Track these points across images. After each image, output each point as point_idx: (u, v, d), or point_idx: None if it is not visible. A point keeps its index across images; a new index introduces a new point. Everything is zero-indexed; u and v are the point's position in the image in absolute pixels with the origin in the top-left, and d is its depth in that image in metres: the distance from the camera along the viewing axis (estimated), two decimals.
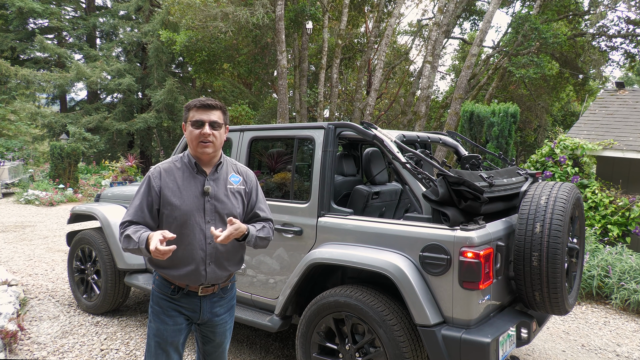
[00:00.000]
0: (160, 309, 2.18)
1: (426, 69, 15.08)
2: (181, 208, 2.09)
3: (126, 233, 2.01)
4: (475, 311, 2.56)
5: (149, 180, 2.12)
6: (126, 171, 14.37)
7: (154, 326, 2.18)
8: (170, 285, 2.17)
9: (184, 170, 2.15)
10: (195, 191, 2.13)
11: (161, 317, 2.17)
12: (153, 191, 2.10)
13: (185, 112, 2.17)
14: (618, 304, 5.27)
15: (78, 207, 4.82)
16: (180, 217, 2.09)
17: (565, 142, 7.11)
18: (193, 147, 2.14)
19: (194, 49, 15.91)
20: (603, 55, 16.75)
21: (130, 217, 2.08)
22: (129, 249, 2.01)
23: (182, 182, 2.13)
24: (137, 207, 2.09)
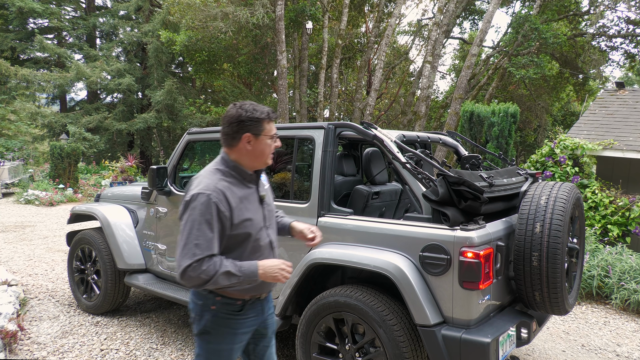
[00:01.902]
0: (230, 329, 2.00)
1: (426, 69, 15.09)
2: (254, 220, 1.99)
3: (225, 270, 1.82)
4: (475, 311, 2.56)
5: (216, 208, 1.84)
6: (126, 171, 14.37)
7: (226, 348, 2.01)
8: (237, 302, 2.00)
9: (236, 184, 1.97)
10: (254, 201, 2.03)
11: (232, 337, 2.01)
12: (223, 216, 1.87)
13: (253, 123, 1.92)
14: (618, 304, 5.27)
15: (78, 207, 4.83)
16: (254, 230, 1.99)
17: (565, 142, 7.11)
18: (263, 159, 1.99)
19: (194, 49, 15.92)
20: (603, 55, 16.76)
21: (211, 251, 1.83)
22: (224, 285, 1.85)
23: (243, 195, 1.98)
24: (211, 239, 1.83)
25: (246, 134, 1.93)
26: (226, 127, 1.95)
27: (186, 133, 4.22)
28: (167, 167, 4.20)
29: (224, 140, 1.98)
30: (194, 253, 1.79)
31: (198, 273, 1.78)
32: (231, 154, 1.98)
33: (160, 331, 4.26)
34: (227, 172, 1.97)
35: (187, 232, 1.82)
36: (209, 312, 1.98)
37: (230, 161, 1.98)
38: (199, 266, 1.78)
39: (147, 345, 3.96)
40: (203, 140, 4.18)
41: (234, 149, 1.97)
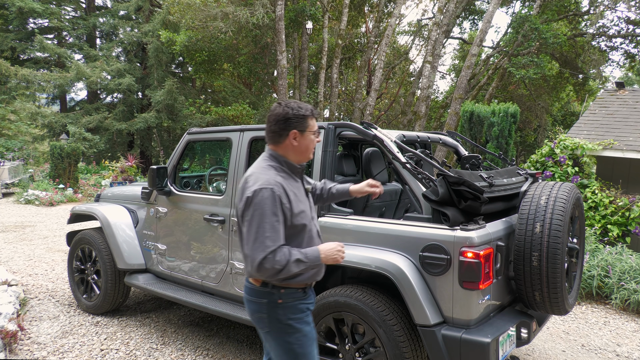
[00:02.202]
0: (303, 313, 2.08)
1: (426, 69, 15.09)
2: (306, 212, 2.08)
3: (295, 258, 1.90)
4: (475, 311, 2.56)
5: (279, 201, 1.92)
6: (126, 171, 14.37)
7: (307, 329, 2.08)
8: (299, 290, 2.08)
9: (287, 178, 2.06)
10: (303, 194, 2.13)
11: (306, 320, 2.09)
12: (285, 208, 1.95)
13: (299, 120, 2.01)
14: (618, 304, 5.27)
15: (78, 207, 4.83)
16: (307, 221, 2.08)
17: (565, 142, 7.11)
18: (307, 153, 2.09)
19: (194, 49, 15.92)
20: (603, 55, 16.76)
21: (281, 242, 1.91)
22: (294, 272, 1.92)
23: (295, 189, 2.07)
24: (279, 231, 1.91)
25: (293, 130, 2.02)
26: (273, 125, 2.03)
27: (186, 133, 4.22)
28: (167, 167, 4.20)
29: (271, 138, 2.06)
30: (266, 246, 1.85)
31: (272, 264, 1.85)
32: (278, 150, 2.07)
33: (160, 331, 4.26)
34: (279, 168, 2.05)
35: (255, 226, 1.87)
36: (278, 306, 2.03)
37: (280, 157, 2.06)
38: (272, 257, 1.85)
39: (147, 345, 3.96)
40: (203, 140, 4.18)
41: (280, 146, 2.05)
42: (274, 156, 2.07)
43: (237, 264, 3.58)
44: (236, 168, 3.66)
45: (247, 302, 2.10)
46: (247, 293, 2.09)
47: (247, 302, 2.10)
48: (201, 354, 3.80)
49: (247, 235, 1.90)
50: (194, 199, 3.98)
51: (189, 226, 3.97)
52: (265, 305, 2.03)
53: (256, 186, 1.91)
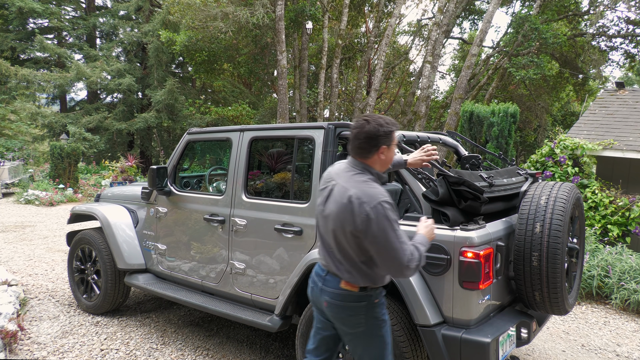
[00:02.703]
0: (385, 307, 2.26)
1: (426, 69, 15.09)
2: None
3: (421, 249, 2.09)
4: (475, 311, 2.56)
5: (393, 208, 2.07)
6: (126, 171, 14.37)
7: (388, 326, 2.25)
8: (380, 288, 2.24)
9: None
10: None
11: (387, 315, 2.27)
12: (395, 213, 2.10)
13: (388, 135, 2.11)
14: (618, 304, 5.27)
15: (78, 207, 4.83)
16: None
17: (565, 142, 7.11)
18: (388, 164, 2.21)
19: (194, 49, 15.93)
20: (603, 55, 16.76)
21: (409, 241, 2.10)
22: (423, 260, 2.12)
23: None
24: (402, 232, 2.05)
25: (383, 146, 2.12)
26: (363, 142, 2.10)
27: (186, 133, 4.22)
28: (167, 167, 4.20)
29: (359, 152, 2.14)
30: (408, 250, 2.01)
31: (416, 262, 2.03)
32: (366, 162, 2.15)
33: (160, 331, 4.26)
34: (374, 179, 2.13)
35: (391, 237, 1.98)
36: (375, 305, 2.18)
37: (371, 169, 2.16)
38: (412, 257, 2.02)
39: (147, 345, 3.96)
40: (203, 140, 4.18)
41: (368, 159, 2.14)
42: (366, 169, 2.15)
43: (237, 264, 3.58)
44: (236, 168, 3.66)
45: (342, 308, 2.15)
46: (343, 299, 2.15)
47: (341, 308, 2.16)
48: (201, 354, 3.80)
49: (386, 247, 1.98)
50: (194, 199, 3.98)
51: (189, 226, 3.97)
52: (364, 307, 2.15)
53: (374, 202, 1.99)
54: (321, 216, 2.21)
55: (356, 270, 2.11)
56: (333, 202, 2.10)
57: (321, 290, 2.21)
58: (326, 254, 2.21)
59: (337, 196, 2.08)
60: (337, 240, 2.11)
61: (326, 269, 2.22)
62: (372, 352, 2.19)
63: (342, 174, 2.15)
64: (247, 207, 3.55)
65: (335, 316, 2.19)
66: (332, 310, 2.18)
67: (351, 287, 2.14)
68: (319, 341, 2.36)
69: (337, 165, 2.27)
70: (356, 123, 2.13)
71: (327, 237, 2.18)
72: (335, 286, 2.16)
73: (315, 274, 2.29)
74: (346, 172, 2.15)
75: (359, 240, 2.03)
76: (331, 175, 2.23)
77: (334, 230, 2.09)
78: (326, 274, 2.22)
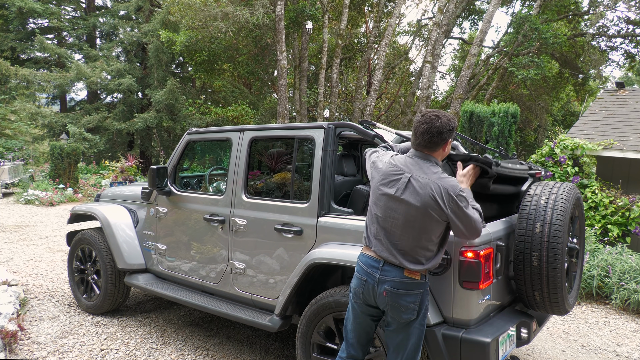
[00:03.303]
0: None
1: (426, 69, 15.08)
2: None
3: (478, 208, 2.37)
4: (475, 311, 2.56)
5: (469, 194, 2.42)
6: (126, 171, 14.36)
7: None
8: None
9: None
10: None
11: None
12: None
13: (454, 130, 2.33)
14: (618, 304, 5.27)
15: (78, 207, 4.83)
16: None
17: (565, 142, 7.11)
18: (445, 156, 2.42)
19: (194, 49, 15.93)
20: (603, 55, 16.76)
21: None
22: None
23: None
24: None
25: (449, 139, 2.32)
26: (435, 137, 2.28)
27: (186, 133, 4.22)
28: (167, 167, 4.20)
29: (429, 146, 2.31)
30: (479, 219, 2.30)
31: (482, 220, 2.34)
32: (434, 155, 2.34)
33: (160, 331, 4.26)
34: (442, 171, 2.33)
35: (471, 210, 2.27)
36: (428, 293, 2.37)
37: (438, 161, 2.36)
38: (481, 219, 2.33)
39: (147, 345, 3.96)
40: (203, 140, 4.18)
41: (435, 152, 2.33)
42: (435, 162, 2.34)
43: (237, 264, 3.58)
44: (236, 168, 3.66)
45: (403, 295, 2.28)
46: (403, 287, 2.28)
47: (403, 296, 2.28)
48: (201, 354, 3.80)
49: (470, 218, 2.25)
50: (194, 199, 3.98)
51: (189, 226, 3.97)
52: (421, 294, 2.31)
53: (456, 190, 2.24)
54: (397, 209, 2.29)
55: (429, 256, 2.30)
56: (415, 194, 2.24)
57: (379, 280, 2.30)
58: (389, 247, 2.30)
59: (422, 189, 2.23)
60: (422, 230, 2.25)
61: (383, 259, 2.31)
62: (412, 341, 2.34)
63: (414, 167, 2.30)
64: (247, 207, 3.55)
65: (394, 305, 2.28)
66: (392, 298, 2.28)
67: (413, 275, 2.28)
68: (360, 334, 2.46)
69: (400, 157, 2.39)
70: (425, 118, 2.29)
71: (402, 229, 2.28)
72: (399, 275, 2.28)
73: (369, 267, 2.35)
74: (418, 165, 2.31)
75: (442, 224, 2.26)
76: (400, 167, 2.34)
77: (422, 220, 2.24)
78: (383, 264, 2.31)
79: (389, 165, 2.38)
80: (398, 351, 2.35)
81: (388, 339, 2.39)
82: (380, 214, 2.34)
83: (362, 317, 2.42)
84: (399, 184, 2.29)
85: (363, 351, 2.50)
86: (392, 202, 2.30)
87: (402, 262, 2.27)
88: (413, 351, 2.34)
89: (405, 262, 2.27)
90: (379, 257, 2.33)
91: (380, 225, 2.34)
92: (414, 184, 2.25)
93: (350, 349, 2.48)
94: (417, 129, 2.30)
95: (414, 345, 2.34)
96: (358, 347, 2.47)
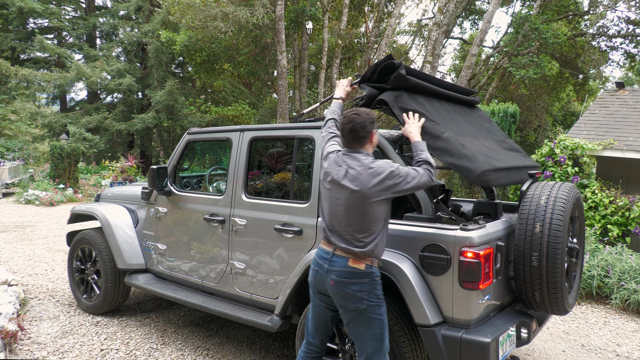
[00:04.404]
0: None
1: (426, 69, 15.08)
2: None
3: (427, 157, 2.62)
4: (475, 311, 2.56)
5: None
6: (126, 171, 14.37)
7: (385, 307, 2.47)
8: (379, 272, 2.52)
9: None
10: None
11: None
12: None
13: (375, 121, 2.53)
14: (618, 304, 5.27)
15: (78, 207, 4.83)
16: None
17: (565, 142, 7.11)
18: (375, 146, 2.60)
19: (194, 49, 15.92)
20: (603, 55, 16.75)
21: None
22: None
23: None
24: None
25: (373, 131, 2.52)
26: (360, 132, 2.48)
27: (186, 133, 4.22)
28: (167, 167, 4.20)
29: (357, 141, 2.50)
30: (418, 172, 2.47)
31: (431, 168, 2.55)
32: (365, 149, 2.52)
33: (160, 331, 4.26)
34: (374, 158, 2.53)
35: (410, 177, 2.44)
36: (377, 283, 2.44)
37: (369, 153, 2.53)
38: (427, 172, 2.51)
39: (147, 345, 3.96)
40: (203, 140, 4.18)
41: (365, 146, 2.52)
42: (366, 153, 2.51)
43: (237, 263, 3.58)
44: (236, 168, 3.66)
45: (348, 284, 2.39)
46: (348, 277, 2.39)
47: (346, 285, 2.39)
48: (201, 354, 3.80)
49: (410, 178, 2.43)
50: (194, 199, 3.98)
51: (189, 226, 3.97)
52: (367, 284, 2.39)
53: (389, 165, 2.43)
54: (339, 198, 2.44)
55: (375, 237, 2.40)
56: (353, 180, 2.41)
57: (327, 270, 2.43)
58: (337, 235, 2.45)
59: (356, 175, 2.41)
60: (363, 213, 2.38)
61: (332, 250, 2.45)
62: (372, 331, 2.40)
63: (349, 160, 2.48)
64: (247, 207, 3.55)
65: (340, 294, 2.40)
66: (338, 288, 2.40)
67: (357, 264, 2.39)
68: (318, 323, 2.62)
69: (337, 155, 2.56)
70: (347, 119, 2.49)
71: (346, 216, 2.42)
72: (343, 265, 2.40)
73: (319, 258, 2.50)
74: (352, 158, 2.48)
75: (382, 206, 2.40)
76: (339, 162, 2.51)
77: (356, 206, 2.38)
78: (332, 255, 2.44)
79: (330, 162, 2.56)
80: (360, 342, 2.43)
81: (350, 334, 2.49)
82: (327, 206, 2.52)
83: (318, 306, 2.57)
84: (339, 175, 2.46)
85: (321, 341, 2.64)
86: (334, 192, 2.47)
87: (348, 247, 2.40)
88: (377, 341, 2.40)
89: (351, 247, 2.40)
90: (329, 249, 2.48)
91: (328, 216, 2.51)
92: (351, 172, 2.43)
93: (309, 336, 2.64)
94: (343, 129, 2.50)
95: (376, 336, 2.40)
96: (316, 335, 2.62)
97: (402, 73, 2.97)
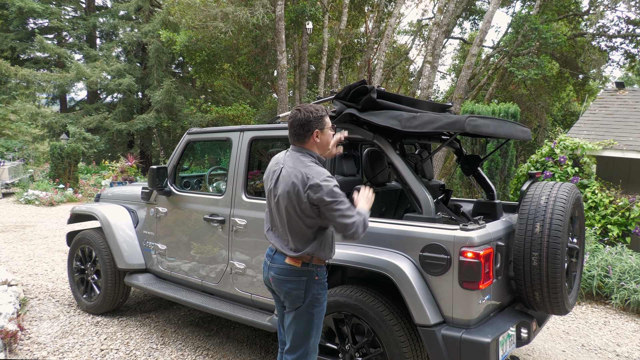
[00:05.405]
0: (326, 289, 2.46)
1: (426, 69, 15.08)
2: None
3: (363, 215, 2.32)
4: (475, 311, 2.56)
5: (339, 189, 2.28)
6: (126, 171, 14.37)
7: (325, 304, 2.46)
8: (325, 267, 2.48)
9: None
10: None
11: (326, 295, 2.47)
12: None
13: (320, 119, 2.36)
14: (618, 304, 5.27)
15: (78, 207, 4.83)
16: None
17: (565, 142, 7.11)
18: (328, 147, 2.42)
19: (194, 49, 15.92)
20: (603, 55, 16.76)
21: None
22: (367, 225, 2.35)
23: None
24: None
25: (316, 130, 2.35)
26: (298, 129, 2.35)
27: (186, 133, 4.22)
28: (167, 167, 4.20)
29: (297, 138, 2.38)
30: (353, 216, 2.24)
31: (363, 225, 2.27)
32: (305, 147, 2.38)
33: (160, 331, 4.26)
34: (315, 162, 2.36)
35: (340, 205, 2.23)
36: (315, 282, 2.39)
37: (311, 152, 2.38)
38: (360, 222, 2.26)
39: (147, 345, 3.96)
40: (203, 140, 4.18)
41: (306, 144, 2.38)
42: (309, 153, 2.37)
43: (237, 264, 3.58)
44: (236, 168, 3.66)
45: (285, 281, 2.38)
46: (286, 274, 2.38)
47: (284, 282, 2.38)
48: (201, 354, 3.80)
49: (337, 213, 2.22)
50: (194, 199, 3.98)
51: (189, 226, 3.97)
52: (304, 282, 2.37)
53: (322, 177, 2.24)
54: (273, 199, 2.41)
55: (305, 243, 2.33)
56: (283, 183, 2.31)
57: (269, 267, 2.46)
58: (275, 236, 2.45)
59: (286, 177, 2.30)
60: (289, 217, 2.32)
61: (274, 249, 2.45)
62: (298, 326, 2.39)
63: (288, 159, 2.39)
64: (247, 207, 3.55)
65: (279, 290, 2.42)
66: (277, 284, 2.42)
67: (294, 262, 2.37)
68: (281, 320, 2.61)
69: (282, 153, 2.51)
70: (290, 114, 2.38)
71: (278, 217, 2.40)
72: (281, 262, 2.40)
73: (266, 256, 2.52)
74: (291, 157, 2.38)
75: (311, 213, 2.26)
76: (279, 160, 2.45)
77: (286, 208, 2.30)
78: (274, 253, 2.45)
79: (274, 159, 2.53)
80: (288, 333, 2.46)
81: (284, 320, 2.50)
82: (268, 208, 2.51)
83: (277, 303, 2.60)
84: (274, 176, 2.42)
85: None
86: (271, 194, 2.44)
87: (284, 249, 2.39)
88: (301, 336, 2.40)
89: (287, 250, 2.38)
90: (273, 247, 2.49)
91: (269, 217, 2.51)
92: (282, 173, 2.36)
93: (281, 335, 2.63)
94: (288, 125, 2.41)
95: (302, 331, 2.40)
96: (283, 332, 2.60)
97: (373, 97, 3.00)
